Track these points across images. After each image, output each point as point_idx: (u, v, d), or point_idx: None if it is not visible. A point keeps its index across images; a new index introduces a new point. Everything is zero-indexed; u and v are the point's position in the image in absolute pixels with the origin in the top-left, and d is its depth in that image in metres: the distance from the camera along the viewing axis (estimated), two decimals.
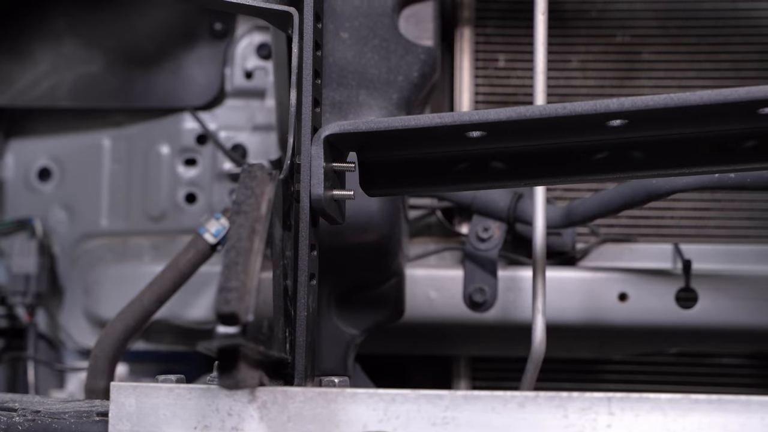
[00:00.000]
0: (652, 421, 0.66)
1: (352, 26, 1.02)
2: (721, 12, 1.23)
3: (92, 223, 1.41)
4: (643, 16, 1.23)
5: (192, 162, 1.40)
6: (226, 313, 0.61)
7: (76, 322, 1.39)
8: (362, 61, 1.01)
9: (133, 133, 1.41)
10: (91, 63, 1.38)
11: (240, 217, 0.66)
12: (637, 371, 1.26)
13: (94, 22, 1.39)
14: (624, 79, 1.23)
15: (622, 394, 0.66)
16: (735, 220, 1.22)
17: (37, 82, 1.38)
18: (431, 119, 0.75)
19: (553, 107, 0.74)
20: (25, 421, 0.76)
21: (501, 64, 1.25)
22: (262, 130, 1.39)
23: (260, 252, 0.66)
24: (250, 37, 1.40)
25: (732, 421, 0.65)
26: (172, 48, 1.38)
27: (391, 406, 0.68)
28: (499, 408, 0.67)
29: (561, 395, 0.67)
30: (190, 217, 1.38)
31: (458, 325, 1.18)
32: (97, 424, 0.75)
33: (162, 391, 0.70)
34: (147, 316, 1.13)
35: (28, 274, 1.33)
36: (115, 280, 1.35)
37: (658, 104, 0.72)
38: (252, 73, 1.40)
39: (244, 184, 0.69)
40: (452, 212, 1.25)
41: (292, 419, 0.68)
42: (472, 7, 1.24)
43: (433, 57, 1.04)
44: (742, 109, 0.73)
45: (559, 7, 1.22)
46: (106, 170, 1.41)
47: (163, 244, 1.38)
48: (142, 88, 1.38)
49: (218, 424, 0.69)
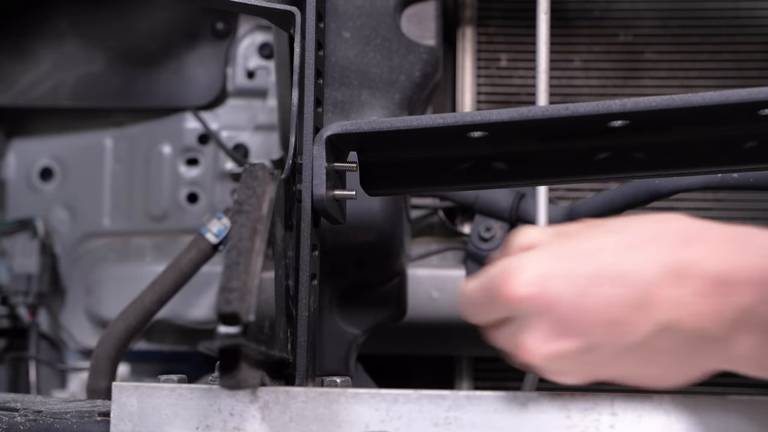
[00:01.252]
0: (656, 422, 0.66)
1: (354, 26, 1.02)
2: (724, 12, 1.22)
3: (94, 222, 1.41)
4: (645, 16, 1.23)
5: (194, 162, 1.40)
6: (227, 313, 0.61)
7: (77, 322, 1.39)
8: (364, 61, 1.01)
9: (135, 132, 1.41)
10: (93, 63, 1.38)
11: (241, 217, 0.66)
12: None
13: (96, 22, 1.39)
14: (627, 79, 1.23)
15: (625, 395, 0.66)
16: (737, 220, 1.21)
17: (38, 82, 1.38)
18: (433, 120, 0.75)
19: (555, 108, 0.73)
20: (27, 421, 0.76)
21: (503, 63, 1.24)
22: (264, 129, 1.39)
23: (261, 252, 0.66)
24: (252, 37, 1.40)
25: (735, 421, 0.65)
26: (173, 48, 1.38)
27: (393, 407, 0.68)
28: (501, 408, 0.67)
29: (564, 395, 0.67)
30: (191, 217, 1.38)
31: (460, 325, 1.17)
32: (99, 424, 0.75)
33: (164, 391, 0.70)
34: (149, 316, 1.13)
35: (29, 274, 1.33)
36: (116, 280, 1.35)
37: (660, 105, 0.72)
38: (254, 72, 1.39)
39: (246, 184, 0.69)
40: (454, 212, 1.25)
41: (294, 419, 0.68)
42: (474, 6, 1.23)
43: (435, 56, 1.04)
44: (744, 110, 0.73)
45: (562, 6, 1.22)
46: (108, 170, 1.41)
47: (164, 243, 1.38)
48: (144, 88, 1.38)
49: (220, 425, 0.69)
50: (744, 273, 0.58)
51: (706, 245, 0.60)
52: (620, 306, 0.60)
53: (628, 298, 0.59)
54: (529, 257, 0.62)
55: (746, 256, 0.59)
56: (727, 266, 0.59)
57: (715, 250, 0.60)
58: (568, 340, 0.61)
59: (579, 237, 0.63)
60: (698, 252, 0.60)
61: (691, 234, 0.61)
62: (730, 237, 0.61)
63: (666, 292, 0.59)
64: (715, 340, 0.60)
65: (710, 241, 0.60)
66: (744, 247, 0.60)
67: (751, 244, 0.60)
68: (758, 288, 0.58)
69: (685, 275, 0.59)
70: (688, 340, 0.60)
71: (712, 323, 0.59)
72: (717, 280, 0.59)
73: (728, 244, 0.60)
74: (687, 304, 0.59)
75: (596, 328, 0.60)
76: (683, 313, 0.59)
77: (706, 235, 0.61)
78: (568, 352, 0.61)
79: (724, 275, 0.59)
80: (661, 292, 0.59)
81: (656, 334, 0.60)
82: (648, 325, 0.60)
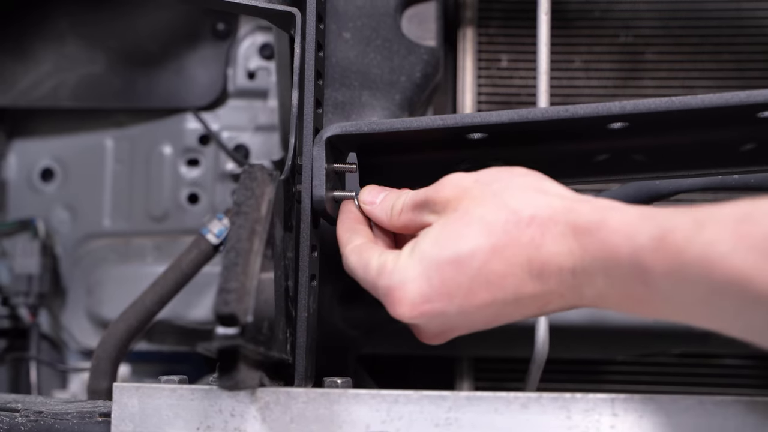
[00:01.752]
0: (656, 422, 0.66)
1: (354, 26, 1.02)
2: (725, 12, 1.22)
3: (95, 223, 1.41)
4: (646, 17, 1.23)
5: (194, 162, 1.40)
6: (225, 314, 0.61)
7: (78, 323, 1.39)
8: (365, 62, 1.01)
9: (136, 133, 1.41)
10: (94, 63, 1.38)
11: (240, 217, 0.66)
12: (641, 372, 1.26)
13: (97, 23, 1.39)
14: (627, 80, 1.23)
15: (625, 395, 0.66)
16: None
17: (39, 83, 1.38)
18: (433, 121, 0.75)
19: (555, 110, 0.73)
20: (28, 421, 0.76)
21: (504, 64, 1.24)
22: (264, 130, 1.39)
23: (260, 253, 0.66)
24: (253, 38, 1.40)
25: (735, 421, 0.65)
26: (174, 48, 1.38)
27: (393, 407, 0.68)
28: (502, 409, 0.67)
29: (564, 396, 0.67)
30: (192, 218, 1.38)
31: None
32: (100, 425, 0.75)
33: (164, 392, 0.70)
34: (149, 317, 1.13)
35: (30, 275, 1.34)
36: (117, 281, 1.35)
37: (659, 107, 0.72)
38: (254, 73, 1.40)
39: (244, 185, 0.69)
40: None
41: (294, 420, 0.68)
42: (474, 7, 1.23)
43: (435, 57, 1.04)
44: (743, 113, 0.73)
45: (562, 7, 1.22)
46: (109, 171, 1.41)
47: (165, 244, 1.38)
48: (145, 89, 1.39)
49: (221, 425, 0.69)
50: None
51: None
52: (498, 305, 0.66)
53: (502, 298, 0.66)
54: (407, 273, 0.67)
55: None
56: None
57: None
58: (457, 331, 0.71)
59: (456, 221, 0.67)
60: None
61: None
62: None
63: (531, 286, 0.65)
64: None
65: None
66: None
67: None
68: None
69: (543, 272, 0.64)
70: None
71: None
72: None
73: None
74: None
75: (480, 320, 0.68)
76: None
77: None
78: (460, 333, 0.71)
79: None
80: (528, 289, 0.65)
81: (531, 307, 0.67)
82: (524, 308, 0.67)
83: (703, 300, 0.58)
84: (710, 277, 0.56)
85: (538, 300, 0.66)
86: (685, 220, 0.58)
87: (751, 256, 0.54)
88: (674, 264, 0.57)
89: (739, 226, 0.55)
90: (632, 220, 0.61)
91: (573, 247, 0.63)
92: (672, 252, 0.57)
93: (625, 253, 0.60)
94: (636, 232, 0.60)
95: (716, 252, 0.55)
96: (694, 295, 0.58)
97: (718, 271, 0.55)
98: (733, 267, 0.55)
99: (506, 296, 0.65)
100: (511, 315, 0.68)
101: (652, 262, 0.59)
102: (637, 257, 0.59)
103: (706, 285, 0.57)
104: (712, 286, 0.56)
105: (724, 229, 0.56)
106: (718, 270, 0.55)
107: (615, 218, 0.62)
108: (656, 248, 0.58)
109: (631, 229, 0.60)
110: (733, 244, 0.55)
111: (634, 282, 0.60)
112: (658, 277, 0.59)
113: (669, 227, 0.58)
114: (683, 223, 0.58)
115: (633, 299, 0.62)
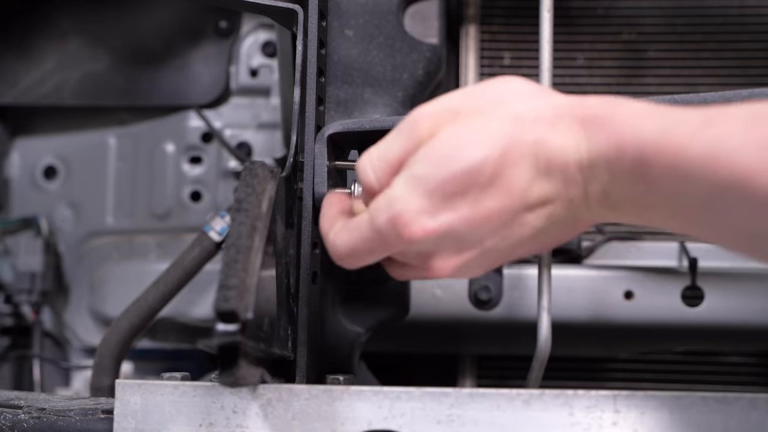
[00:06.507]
0: (658, 419, 0.66)
1: (357, 24, 1.02)
2: (729, 9, 1.22)
3: (98, 221, 1.41)
4: (649, 14, 1.23)
5: (197, 160, 1.40)
6: (225, 310, 0.61)
7: (81, 320, 1.39)
8: (367, 59, 1.01)
9: (139, 131, 1.41)
10: (97, 61, 1.39)
11: (240, 215, 0.66)
12: (643, 369, 1.26)
13: (100, 21, 1.39)
14: (631, 77, 1.23)
15: (628, 392, 0.66)
16: None
17: (42, 81, 1.38)
18: None
19: None
20: (31, 418, 0.76)
21: (506, 61, 1.24)
22: (267, 128, 1.39)
23: (260, 250, 0.66)
24: (255, 35, 1.40)
25: (739, 419, 0.65)
26: (177, 46, 1.38)
27: (396, 404, 0.68)
28: (504, 406, 0.67)
29: (567, 393, 0.67)
30: (195, 215, 1.38)
31: (463, 323, 1.17)
32: (102, 422, 0.75)
33: (167, 389, 0.70)
34: (152, 314, 1.13)
35: (33, 273, 1.34)
36: (120, 278, 1.35)
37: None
38: (257, 71, 1.39)
39: (245, 182, 0.69)
40: None
41: (297, 417, 0.68)
42: (477, 4, 1.23)
43: (438, 55, 1.04)
44: None
45: (565, 4, 1.21)
46: (112, 168, 1.41)
47: (168, 242, 1.38)
48: (148, 87, 1.39)
49: (223, 422, 0.69)
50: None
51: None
52: (506, 215, 0.65)
53: (509, 205, 0.65)
54: (407, 199, 0.65)
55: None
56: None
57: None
58: (469, 252, 0.68)
59: (451, 139, 0.65)
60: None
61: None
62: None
63: (538, 187, 0.65)
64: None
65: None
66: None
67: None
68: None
69: (549, 168, 0.64)
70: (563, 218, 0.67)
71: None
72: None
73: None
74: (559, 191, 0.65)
75: (490, 235, 0.66)
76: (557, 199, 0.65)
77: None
78: (472, 259, 0.68)
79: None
80: (534, 191, 0.65)
81: (537, 221, 0.67)
82: (533, 218, 0.66)
83: (702, 203, 0.57)
84: (714, 176, 0.55)
85: (545, 207, 0.65)
86: (694, 116, 0.57)
87: (760, 154, 0.53)
88: (677, 159, 0.56)
89: (750, 124, 0.53)
90: (640, 112, 0.60)
91: (579, 138, 0.63)
92: (675, 146, 0.56)
93: (629, 144, 0.59)
94: (642, 123, 0.59)
95: (724, 148, 0.54)
96: (695, 197, 0.57)
97: (724, 168, 0.54)
98: (741, 164, 0.53)
99: (513, 202, 0.64)
100: (520, 233, 0.67)
101: (654, 155, 0.58)
102: (641, 150, 0.58)
103: (709, 185, 0.55)
104: (715, 187, 0.55)
105: (734, 125, 0.54)
106: (724, 168, 0.54)
107: (623, 110, 0.61)
108: (660, 141, 0.57)
109: (638, 121, 0.59)
110: (742, 141, 0.53)
111: (635, 179, 0.60)
112: (659, 173, 0.58)
113: (676, 122, 0.57)
114: (692, 119, 0.57)
115: (633, 202, 0.61)
